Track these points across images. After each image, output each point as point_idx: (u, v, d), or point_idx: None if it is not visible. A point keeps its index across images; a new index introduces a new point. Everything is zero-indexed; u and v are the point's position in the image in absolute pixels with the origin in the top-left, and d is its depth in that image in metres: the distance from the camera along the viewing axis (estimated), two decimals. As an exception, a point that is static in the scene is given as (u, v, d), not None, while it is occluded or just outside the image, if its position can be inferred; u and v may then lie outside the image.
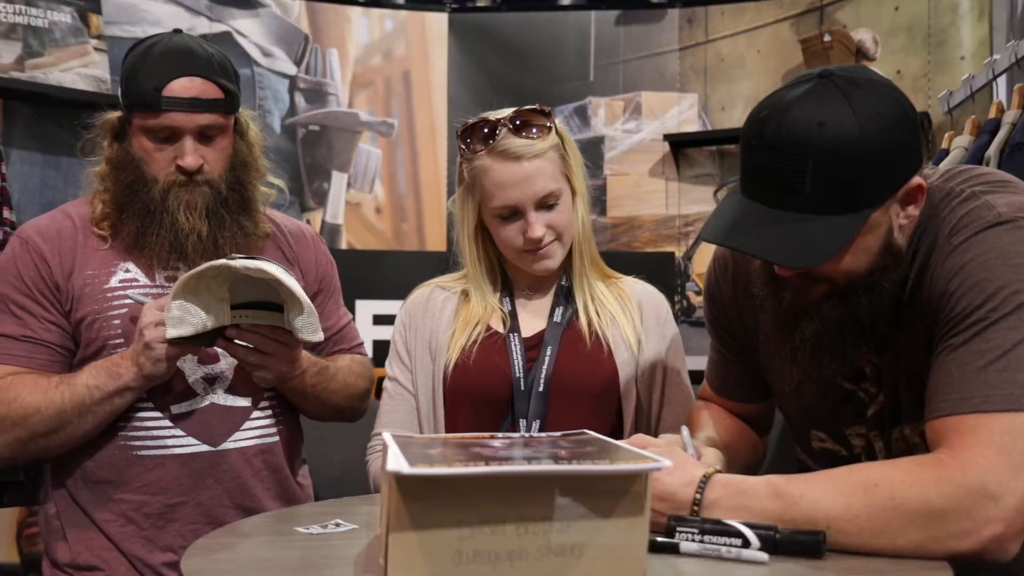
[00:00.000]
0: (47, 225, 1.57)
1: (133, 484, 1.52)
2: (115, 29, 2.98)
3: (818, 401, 1.38)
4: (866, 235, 1.17)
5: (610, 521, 1.02)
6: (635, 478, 1.02)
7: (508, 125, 1.56)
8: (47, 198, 2.80)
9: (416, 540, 0.98)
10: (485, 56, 3.52)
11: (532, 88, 3.49)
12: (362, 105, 3.43)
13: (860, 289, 1.21)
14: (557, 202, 1.59)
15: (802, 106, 1.13)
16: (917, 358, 1.24)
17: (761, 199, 1.15)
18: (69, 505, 1.55)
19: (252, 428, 1.59)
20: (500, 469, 0.98)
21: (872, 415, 1.35)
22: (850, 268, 1.19)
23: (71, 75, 2.81)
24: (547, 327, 1.65)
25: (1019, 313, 1.13)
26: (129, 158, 1.55)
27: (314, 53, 3.37)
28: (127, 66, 1.54)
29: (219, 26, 3.19)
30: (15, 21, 2.71)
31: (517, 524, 1.00)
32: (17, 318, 1.51)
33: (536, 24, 3.59)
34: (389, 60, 3.49)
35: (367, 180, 3.44)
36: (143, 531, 1.52)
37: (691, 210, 3.42)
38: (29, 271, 1.52)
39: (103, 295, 1.52)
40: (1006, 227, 1.17)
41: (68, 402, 1.45)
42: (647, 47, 3.50)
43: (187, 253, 1.52)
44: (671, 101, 3.48)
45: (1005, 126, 2.44)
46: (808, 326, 1.24)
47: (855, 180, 1.13)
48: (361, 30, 3.46)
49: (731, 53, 3.43)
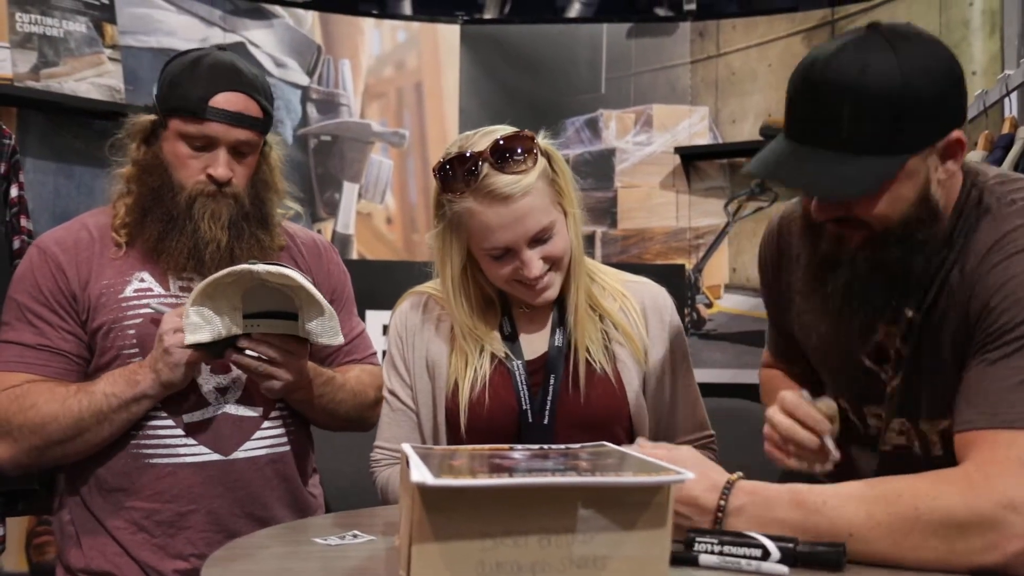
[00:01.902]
0: (64, 235, 1.59)
1: (145, 492, 1.53)
2: (129, 39, 2.99)
3: (842, 371, 1.39)
4: (903, 181, 1.19)
5: (632, 533, 1.02)
6: (657, 490, 1.03)
7: (490, 160, 1.42)
8: (60, 207, 2.81)
9: (439, 551, 0.99)
10: (497, 67, 3.53)
11: (543, 100, 3.51)
12: (374, 116, 3.45)
13: (894, 239, 1.22)
14: (552, 233, 1.48)
15: (847, 52, 1.16)
16: (942, 358, 1.24)
17: (803, 139, 1.19)
18: (83, 512, 1.56)
19: (263, 438, 1.60)
20: (524, 480, 0.98)
21: (890, 399, 1.33)
22: (885, 214, 1.20)
23: (85, 84, 2.83)
24: (548, 351, 1.57)
25: None
26: (158, 162, 1.56)
27: (326, 64, 3.39)
28: (170, 73, 1.56)
29: (233, 36, 3.21)
30: (31, 31, 2.72)
31: (540, 536, 1.00)
32: (34, 327, 1.53)
33: (547, 36, 3.61)
34: (401, 71, 3.50)
35: (378, 190, 3.45)
36: (155, 538, 1.53)
37: (701, 223, 3.42)
38: (47, 281, 1.54)
39: (119, 305, 1.53)
40: None
41: (86, 410, 1.46)
42: (658, 60, 3.51)
43: (204, 261, 1.54)
44: (682, 114, 3.48)
45: (1019, 141, 2.44)
46: (841, 274, 1.25)
47: (894, 124, 1.15)
48: (373, 41, 3.47)
49: (742, 67, 3.44)
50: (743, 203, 3.40)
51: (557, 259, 1.50)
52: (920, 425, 1.31)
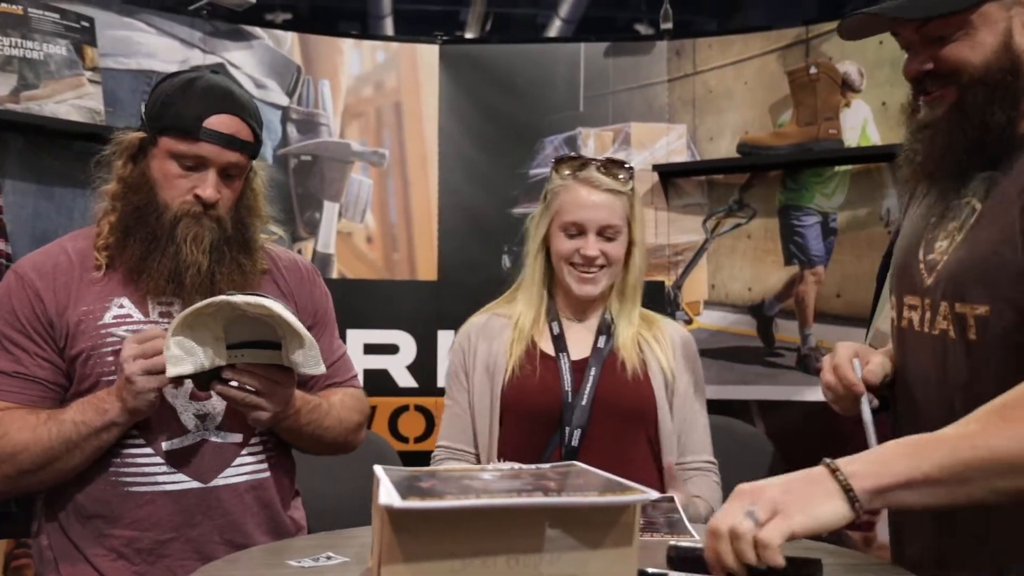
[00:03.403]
0: (43, 260, 1.58)
1: (124, 520, 1.52)
2: (110, 61, 2.99)
3: (898, 259, 1.47)
4: (981, 27, 1.27)
5: (599, 552, 1.03)
6: (623, 509, 1.04)
7: (597, 163, 1.86)
8: (40, 228, 2.80)
9: (408, 573, 1.00)
10: (476, 87, 3.53)
11: (522, 119, 3.51)
12: (354, 135, 3.45)
13: (980, 90, 1.28)
14: (616, 237, 1.84)
15: None
16: (1002, 239, 1.26)
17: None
18: (61, 539, 1.55)
19: (243, 464, 1.60)
20: (491, 502, 1.00)
21: (935, 285, 1.35)
22: (968, 58, 1.27)
23: (65, 107, 2.81)
24: (592, 353, 1.85)
25: None
26: (144, 180, 1.56)
27: (306, 84, 3.39)
28: (163, 92, 1.57)
29: (212, 58, 3.20)
30: (11, 54, 2.71)
31: (508, 556, 1.01)
32: (10, 354, 1.53)
33: (526, 56, 3.60)
34: (380, 91, 3.50)
35: (358, 210, 3.45)
36: (134, 566, 1.52)
37: (680, 239, 3.43)
38: (24, 308, 1.53)
39: (97, 331, 1.53)
40: None
41: (56, 438, 1.45)
42: (636, 79, 3.51)
43: (185, 285, 1.54)
44: (660, 132, 3.49)
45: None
46: (928, 134, 1.34)
47: None
48: (353, 62, 3.48)
49: (719, 85, 3.44)
50: (721, 220, 3.40)
51: (611, 259, 1.85)
52: (956, 309, 1.30)
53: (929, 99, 1.34)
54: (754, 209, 3.36)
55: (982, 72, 1.28)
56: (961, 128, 1.30)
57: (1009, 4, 1.27)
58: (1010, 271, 1.23)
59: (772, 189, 3.33)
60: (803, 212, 3.26)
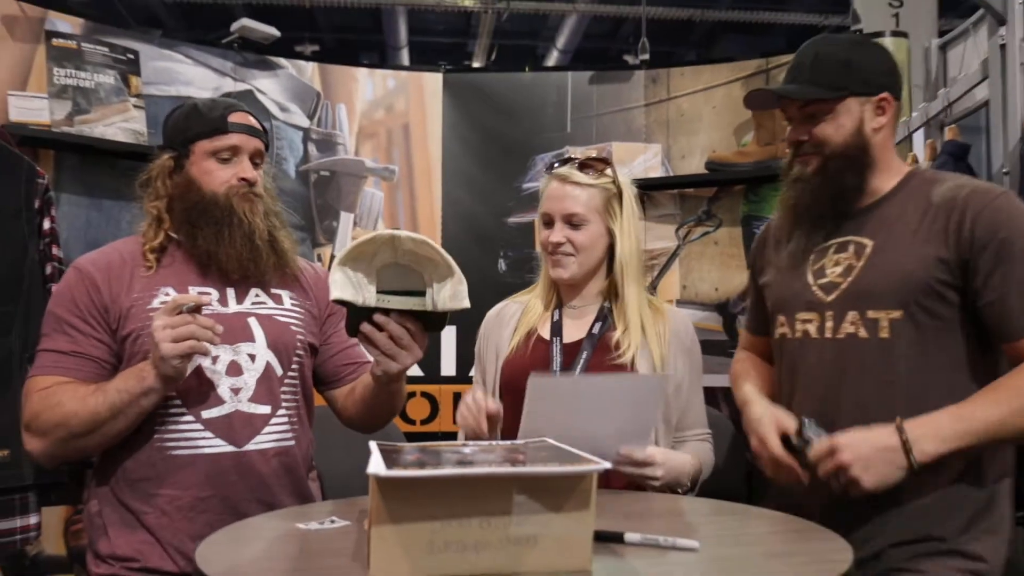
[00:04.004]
0: (99, 257, 1.64)
1: (168, 480, 1.55)
2: (152, 89, 3.03)
3: (790, 291, 1.62)
4: (841, 115, 1.51)
5: (560, 515, 1.05)
6: (582, 478, 1.06)
7: (573, 161, 1.81)
8: (91, 236, 2.84)
9: (394, 533, 1.02)
10: (475, 111, 3.56)
11: (516, 138, 3.53)
12: (367, 153, 3.48)
13: (837, 158, 1.52)
14: (581, 225, 1.76)
15: (831, 37, 1.61)
16: (898, 261, 1.49)
17: (791, 80, 1.56)
18: (110, 502, 1.58)
19: (271, 432, 1.62)
20: (465, 471, 1.02)
21: (828, 303, 1.55)
22: (831, 135, 1.52)
23: (113, 129, 2.84)
24: (585, 337, 1.78)
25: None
26: (189, 184, 1.62)
27: (325, 108, 3.42)
28: (183, 115, 1.65)
29: (242, 85, 3.24)
30: (66, 83, 2.75)
31: (481, 518, 1.04)
32: (68, 336, 1.57)
33: (520, 83, 3.64)
34: (391, 114, 3.53)
35: (371, 219, 3.48)
36: (175, 522, 1.54)
37: (656, 245, 3.45)
38: (82, 296, 1.58)
39: (146, 315, 1.57)
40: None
41: (102, 405, 1.49)
42: (617, 103, 3.54)
43: (257, 246, 1.61)
44: (638, 150, 3.51)
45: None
46: (800, 186, 1.57)
47: (842, 70, 1.51)
48: (366, 88, 3.51)
49: (690, 109, 3.47)
50: (691, 228, 3.43)
51: (577, 246, 1.76)
52: (869, 315, 1.48)
53: (801, 160, 1.56)
54: (720, 219, 3.38)
55: (841, 148, 1.52)
56: (824, 186, 1.54)
57: (863, 101, 1.52)
58: (921, 285, 1.45)
59: (736, 202, 3.35)
60: (763, 222, 3.24)
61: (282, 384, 1.64)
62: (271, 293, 1.69)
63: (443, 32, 10.00)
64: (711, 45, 9.87)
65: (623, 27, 9.76)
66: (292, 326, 1.69)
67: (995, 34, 2.36)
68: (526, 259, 3.46)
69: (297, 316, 1.71)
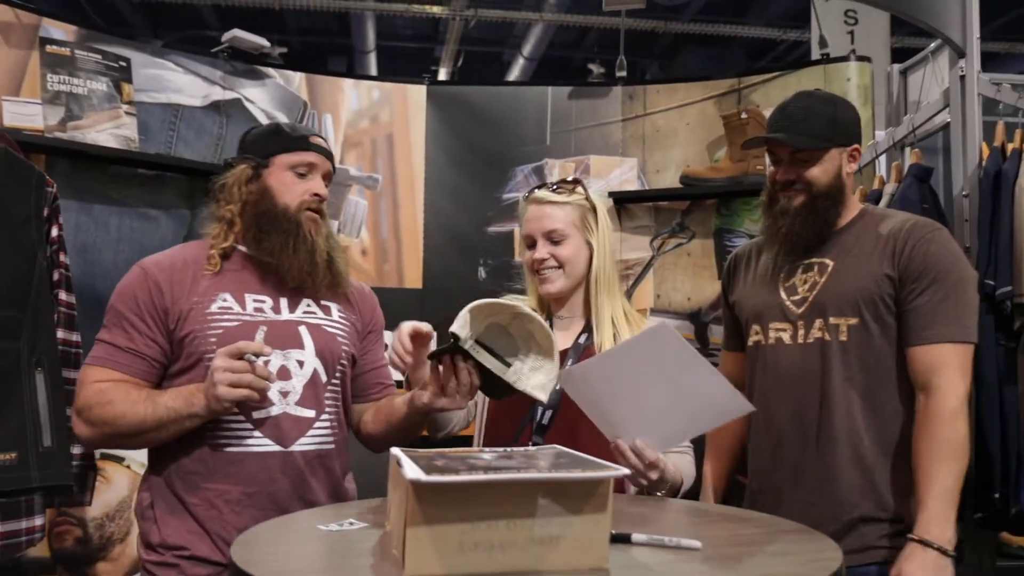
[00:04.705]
0: (163, 259, 1.72)
1: (218, 475, 1.62)
2: (143, 96, 3.04)
3: (762, 305, 1.87)
4: (827, 162, 1.80)
5: (580, 517, 1.12)
6: (600, 483, 1.14)
7: (548, 185, 1.90)
8: (81, 241, 2.85)
9: (428, 533, 1.08)
10: (458, 122, 3.61)
11: (497, 150, 3.59)
12: (351, 162, 3.51)
13: (821, 197, 1.80)
14: (562, 240, 1.84)
15: (815, 94, 1.88)
16: (853, 280, 1.77)
17: (779, 129, 1.81)
18: (162, 493, 1.65)
19: (314, 435, 1.70)
20: (497, 476, 1.09)
21: (799, 314, 1.81)
22: (818, 176, 1.80)
23: (105, 135, 2.86)
24: (571, 347, 1.84)
25: None
26: (264, 193, 1.71)
27: (311, 117, 3.45)
28: (266, 131, 1.77)
29: (231, 93, 3.27)
30: (60, 89, 2.77)
31: (507, 520, 1.10)
32: (126, 332, 1.64)
33: (501, 96, 3.70)
34: (375, 124, 3.57)
35: (355, 226, 3.51)
36: (223, 515, 1.61)
37: (631, 255, 3.53)
38: (144, 295, 1.65)
39: (204, 317, 1.64)
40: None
41: (149, 415, 1.57)
42: (595, 118, 3.61)
43: (316, 262, 1.70)
44: (615, 164, 3.58)
45: (886, 195, 2.63)
46: (787, 220, 1.82)
47: (831, 124, 1.80)
48: (352, 98, 3.55)
49: (665, 125, 3.55)
50: (665, 240, 3.51)
51: (561, 259, 1.84)
52: (831, 321, 1.76)
53: (788, 194, 1.82)
54: (693, 231, 3.47)
55: (825, 188, 1.80)
56: (811, 219, 1.81)
57: (842, 150, 1.82)
58: (872, 297, 1.74)
59: (708, 215, 3.45)
60: (735, 235, 3.39)
61: (326, 390, 1.72)
62: (321, 304, 1.77)
63: (411, 38, 10.02)
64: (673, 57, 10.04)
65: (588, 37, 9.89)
66: (339, 337, 1.76)
67: (955, 65, 2.50)
68: (505, 267, 3.53)
69: (343, 328, 1.78)
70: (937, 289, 1.69)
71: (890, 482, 1.71)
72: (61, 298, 2.05)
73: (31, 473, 1.89)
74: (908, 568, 1.60)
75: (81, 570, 2.79)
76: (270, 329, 1.63)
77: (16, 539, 1.88)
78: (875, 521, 1.71)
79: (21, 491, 1.89)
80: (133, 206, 2.98)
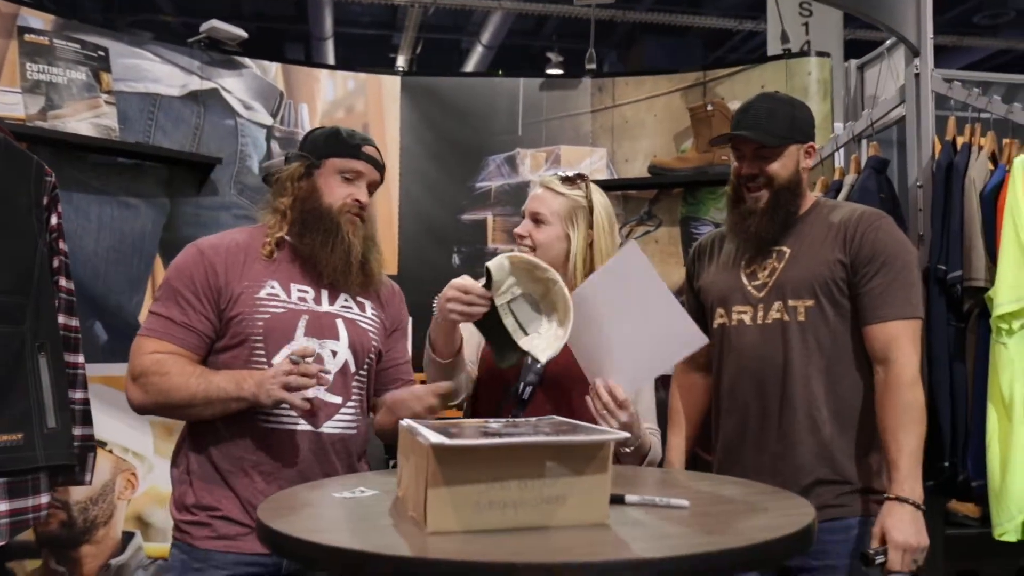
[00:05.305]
0: (219, 242, 1.82)
1: (255, 448, 1.75)
2: (122, 85, 3.08)
3: (725, 289, 1.99)
4: (788, 156, 1.93)
5: (583, 477, 1.22)
6: (601, 446, 1.25)
7: (558, 174, 2.00)
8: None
9: (448, 493, 1.18)
10: (431, 112, 3.69)
11: (470, 140, 3.69)
12: (327, 151, 3.56)
13: (782, 191, 1.92)
14: (542, 223, 1.93)
15: (776, 95, 2.02)
16: (810, 265, 1.91)
17: (744, 127, 1.92)
18: (200, 461, 1.77)
19: (340, 420, 1.81)
20: (511, 440, 1.20)
21: (770, 292, 1.93)
22: (779, 171, 1.92)
23: (85, 124, 2.90)
24: None
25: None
26: (313, 191, 1.81)
27: (288, 107, 3.51)
28: (324, 134, 1.86)
29: (208, 83, 3.32)
30: (39, 79, 2.80)
31: (519, 481, 1.20)
32: (182, 308, 1.75)
33: (474, 87, 3.79)
34: (351, 114, 3.64)
35: (331, 214, 3.56)
36: (255, 483, 1.74)
37: (600, 243, 3.64)
38: (199, 274, 1.76)
39: (253, 301, 1.76)
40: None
41: (200, 391, 1.69)
42: (565, 109, 3.72)
43: (350, 263, 1.81)
44: (585, 154, 3.69)
45: (846, 186, 2.78)
46: (754, 218, 1.94)
47: (791, 123, 1.93)
48: (327, 88, 3.61)
49: (633, 116, 3.67)
50: (634, 228, 3.63)
51: (535, 242, 1.93)
52: (790, 303, 1.90)
53: (752, 194, 1.95)
54: (660, 219, 3.61)
55: (786, 182, 1.93)
56: (775, 215, 1.94)
57: (800, 147, 1.95)
58: (826, 281, 1.89)
59: (675, 203, 3.59)
60: (700, 222, 3.53)
61: (353, 380, 1.84)
62: (356, 300, 1.88)
63: (369, 24, 10.00)
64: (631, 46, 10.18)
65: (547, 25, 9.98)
66: (370, 332, 1.88)
67: (911, 63, 2.67)
68: (479, 254, 3.63)
69: (374, 324, 1.90)
70: (887, 272, 1.85)
71: (844, 449, 1.88)
72: (61, 284, 2.11)
73: (37, 453, 1.96)
74: (890, 523, 1.76)
75: (65, 553, 2.86)
76: (311, 319, 1.77)
77: (23, 516, 1.95)
78: (830, 483, 1.87)
79: (27, 470, 1.96)
80: (113, 194, 3.03)
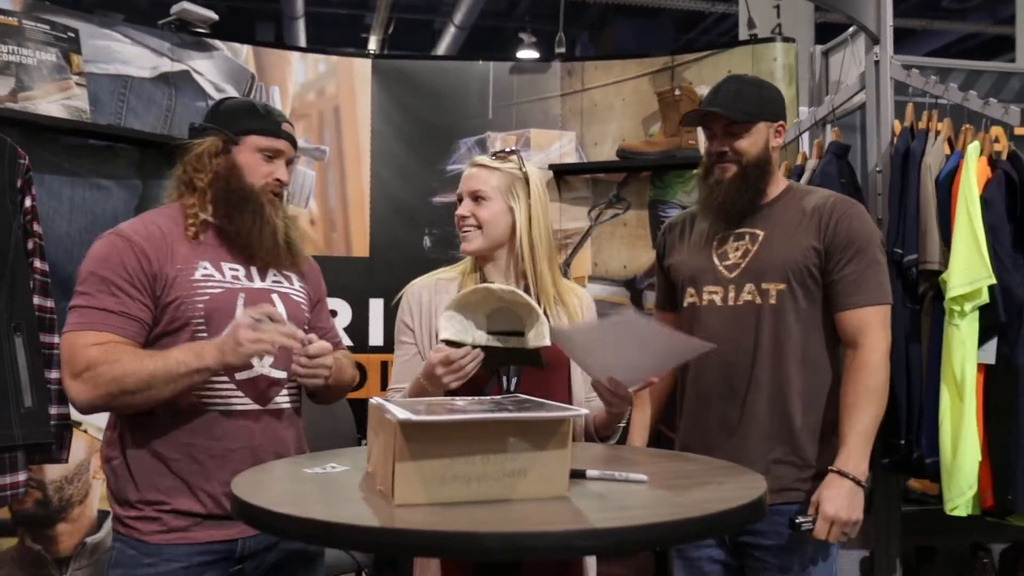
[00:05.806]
0: (141, 228, 1.78)
1: (202, 432, 1.73)
2: (92, 67, 3.08)
3: (696, 269, 2.05)
4: (755, 135, 1.99)
5: (544, 452, 1.28)
6: (561, 422, 1.31)
7: (489, 153, 2.00)
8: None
9: (415, 468, 1.24)
10: (402, 95, 3.72)
11: (441, 122, 3.72)
12: (299, 134, 3.45)
13: (750, 169, 1.98)
14: (483, 201, 1.92)
15: (745, 77, 2.12)
16: (783, 249, 1.98)
17: (720, 105, 1.99)
18: (137, 452, 1.74)
19: (285, 395, 1.84)
20: (474, 416, 1.26)
21: (730, 279, 2.00)
22: (747, 148, 1.98)
23: (56, 106, 2.90)
24: None
25: None
26: (233, 169, 1.81)
27: (259, 90, 3.52)
28: (240, 106, 1.87)
29: (179, 65, 3.33)
30: (9, 60, 2.80)
31: (483, 456, 1.25)
32: (117, 297, 1.70)
33: (445, 70, 3.82)
34: (322, 97, 3.65)
35: (303, 197, 3.61)
36: (205, 469, 1.73)
37: (570, 226, 3.71)
38: (131, 262, 1.72)
39: (189, 284, 1.74)
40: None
41: (159, 370, 1.64)
42: (535, 92, 3.76)
43: (278, 242, 1.82)
44: (554, 137, 3.74)
45: (808, 171, 2.86)
46: (721, 188, 2.00)
47: (759, 102, 2.00)
48: (298, 71, 3.63)
49: (602, 100, 3.72)
50: (602, 211, 3.69)
51: (480, 220, 1.92)
52: (762, 286, 1.96)
53: (721, 167, 2.00)
54: (629, 202, 3.67)
55: (754, 160, 1.99)
56: (743, 188, 1.99)
57: (769, 125, 2.01)
58: (799, 265, 1.95)
59: (644, 187, 3.65)
60: (668, 205, 3.60)
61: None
62: (284, 275, 1.90)
63: (341, 4, 9.96)
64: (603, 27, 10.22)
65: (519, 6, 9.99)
66: (302, 305, 1.91)
67: (871, 51, 2.74)
68: (450, 237, 3.67)
69: (303, 297, 1.93)
70: (860, 260, 1.92)
71: (807, 431, 1.95)
72: (36, 266, 2.14)
73: (14, 431, 1.99)
74: (826, 495, 1.85)
75: (41, 531, 2.89)
76: (248, 296, 1.76)
77: (1, 493, 1.99)
78: (788, 464, 1.94)
79: (4, 448, 2.00)
80: (85, 176, 3.04)
